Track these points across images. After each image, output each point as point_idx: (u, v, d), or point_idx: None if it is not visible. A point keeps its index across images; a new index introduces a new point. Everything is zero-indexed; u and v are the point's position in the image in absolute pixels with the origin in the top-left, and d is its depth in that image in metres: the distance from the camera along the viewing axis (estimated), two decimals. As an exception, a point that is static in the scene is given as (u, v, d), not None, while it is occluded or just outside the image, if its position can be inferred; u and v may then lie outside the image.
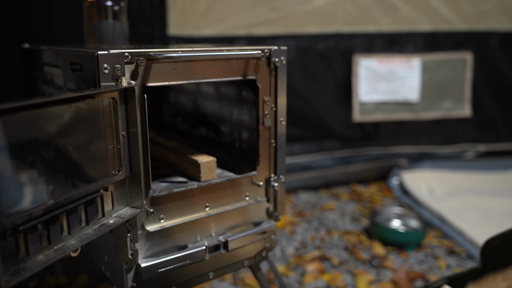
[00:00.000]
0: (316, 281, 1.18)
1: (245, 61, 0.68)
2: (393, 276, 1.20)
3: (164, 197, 0.64)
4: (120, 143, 0.56)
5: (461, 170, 1.87)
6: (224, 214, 0.71)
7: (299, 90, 1.77)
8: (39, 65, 0.80)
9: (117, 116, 0.55)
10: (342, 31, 1.75)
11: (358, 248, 1.36)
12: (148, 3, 1.50)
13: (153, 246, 0.64)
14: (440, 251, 1.34)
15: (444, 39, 1.86)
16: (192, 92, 0.95)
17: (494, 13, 1.86)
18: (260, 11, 1.64)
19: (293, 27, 1.70)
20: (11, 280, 0.41)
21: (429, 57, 1.85)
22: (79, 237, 0.51)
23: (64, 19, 1.35)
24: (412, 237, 1.37)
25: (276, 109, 0.72)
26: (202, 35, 1.59)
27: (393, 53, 1.83)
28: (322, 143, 1.84)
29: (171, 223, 0.66)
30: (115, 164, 0.56)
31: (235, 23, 1.62)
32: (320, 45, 1.75)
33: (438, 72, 1.88)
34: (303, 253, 1.32)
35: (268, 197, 0.75)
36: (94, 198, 0.53)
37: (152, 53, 0.58)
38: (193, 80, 0.64)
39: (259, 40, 1.65)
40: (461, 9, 1.83)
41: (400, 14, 1.79)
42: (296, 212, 1.61)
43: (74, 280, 1.15)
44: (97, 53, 0.53)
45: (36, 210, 0.44)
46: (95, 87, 0.54)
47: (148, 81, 0.59)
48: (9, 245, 0.42)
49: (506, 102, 1.97)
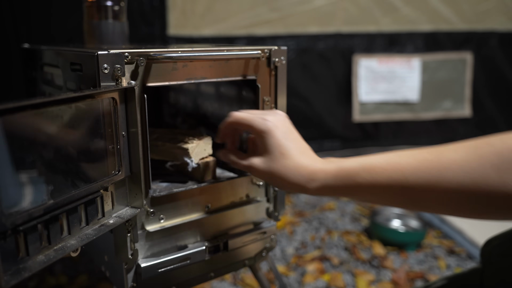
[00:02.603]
0: (316, 281, 1.18)
1: (245, 61, 0.68)
2: (393, 276, 1.20)
3: (164, 197, 0.64)
4: (120, 143, 0.56)
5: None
6: (224, 214, 0.71)
7: (299, 90, 1.77)
8: (39, 65, 0.80)
9: (117, 116, 0.55)
10: (342, 31, 1.75)
11: (358, 248, 1.36)
12: (148, 3, 1.50)
13: (153, 246, 0.64)
14: (440, 251, 1.34)
15: (444, 39, 1.86)
16: (192, 92, 0.95)
17: (494, 13, 1.86)
18: (260, 11, 1.64)
19: (293, 27, 1.70)
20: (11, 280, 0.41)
21: (429, 57, 1.85)
22: (79, 237, 0.51)
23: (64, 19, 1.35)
24: (412, 237, 1.37)
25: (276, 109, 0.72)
26: (202, 35, 1.59)
27: (393, 53, 1.83)
28: (322, 143, 1.84)
29: (171, 223, 0.66)
30: (115, 164, 0.56)
31: (235, 23, 1.62)
32: (320, 45, 1.75)
33: (438, 72, 1.88)
34: (303, 253, 1.32)
35: (268, 197, 0.75)
36: (94, 198, 0.53)
37: (152, 53, 0.58)
38: (193, 80, 0.64)
39: (259, 40, 1.65)
40: (461, 9, 1.83)
41: (400, 14, 1.78)
42: (296, 212, 1.61)
43: (74, 280, 1.15)
44: (97, 53, 0.53)
45: (36, 210, 0.44)
46: (95, 87, 0.54)
47: (148, 81, 0.59)
48: (9, 245, 0.42)
49: (506, 102, 1.97)
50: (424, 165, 0.47)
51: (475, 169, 0.43)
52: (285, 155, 0.56)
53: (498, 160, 0.42)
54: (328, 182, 0.53)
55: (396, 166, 0.48)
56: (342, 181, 0.52)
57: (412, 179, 0.47)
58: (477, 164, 0.43)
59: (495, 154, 0.42)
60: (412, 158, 0.48)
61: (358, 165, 0.52)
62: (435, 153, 0.47)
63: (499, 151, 0.42)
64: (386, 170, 0.49)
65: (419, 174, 0.46)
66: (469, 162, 0.43)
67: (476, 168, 0.43)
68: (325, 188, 0.54)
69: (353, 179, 0.51)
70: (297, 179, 0.55)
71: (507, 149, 0.42)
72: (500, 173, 0.41)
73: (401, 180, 0.48)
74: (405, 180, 0.47)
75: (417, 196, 0.47)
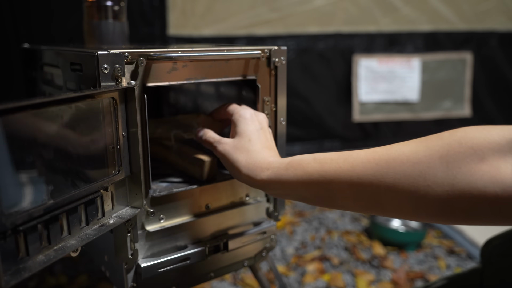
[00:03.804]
0: (316, 281, 1.18)
1: (245, 61, 0.67)
2: (393, 276, 1.20)
3: (164, 197, 0.64)
4: (120, 143, 0.56)
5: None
6: (224, 214, 0.71)
7: (299, 90, 1.77)
8: (39, 65, 0.80)
9: (117, 116, 0.55)
10: (342, 31, 1.75)
11: (358, 248, 1.36)
12: (148, 3, 1.50)
13: (153, 246, 0.64)
14: (440, 251, 1.34)
15: (444, 39, 1.86)
16: (192, 92, 0.95)
17: (494, 13, 1.86)
18: (260, 11, 1.64)
19: (293, 27, 1.70)
20: (11, 280, 0.41)
21: (429, 57, 1.85)
22: (79, 237, 0.51)
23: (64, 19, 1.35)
24: (412, 237, 1.37)
25: (276, 109, 0.72)
26: (202, 35, 1.59)
27: (393, 53, 1.83)
28: (322, 143, 1.84)
29: (171, 223, 0.66)
30: (115, 164, 0.56)
31: (235, 23, 1.62)
32: (320, 45, 1.75)
33: (438, 72, 1.88)
34: (303, 253, 1.32)
35: (268, 197, 0.75)
36: (94, 198, 0.53)
37: (152, 53, 0.58)
38: (193, 80, 0.64)
39: (259, 40, 1.66)
40: (461, 9, 1.83)
41: (400, 14, 1.79)
42: (296, 212, 1.61)
43: (74, 280, 1.15)
44: (97, 53, 0.53)
45: (36, 210, 0.44)
46: (95, 87, 0.54)
47: (148, 81, 0.59)
48: (9, 245, 0.42)
49: (506, 102, 1.97)
50: (373, 156, 0.46)
51: (422, 160, 0.42)
52: (252, 142, 0.60)
53: (447, 152, 0.41)
54: (280, 172, 0.54)
55: (346, 157, 0.49)
56: (293, 170, 0.53)
57: (360, 170, 0.46)
58: (424, 155, 0.42)
59: (443, 146, 0.41)
60: (363, 152, 0.48)
61: (311, 157, 0.53)
62: (386, 147, 0.47)
63: (447, 143, 0.41)
64: (335, 160, 0.49)
65: (367, 165, 0.46)
66: (417, 153, 0.43)
67: (423, 159, 0.42)
68: (274, 179, 0.54)
69: (303, 168, 0.52)
70: (252, 165, 0.58)
71: (456, 142, 0.41)
72: (448, 165, 0.40)
73: (348, 171, 0.47)
74: (352, 171, 0.47)
75: (365, 190, 0.46)
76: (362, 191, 0.46)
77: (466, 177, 0.39)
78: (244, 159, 0.59)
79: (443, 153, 0.41)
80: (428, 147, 0.42)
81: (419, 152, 0.43)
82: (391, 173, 0.44)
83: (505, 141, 0.38)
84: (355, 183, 0.47)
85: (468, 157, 0.39)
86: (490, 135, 0.39)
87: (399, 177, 0.43)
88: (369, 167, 0.46)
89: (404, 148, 0.45)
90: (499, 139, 0.39)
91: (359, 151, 0.49)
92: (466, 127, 0.42)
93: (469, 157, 0.39)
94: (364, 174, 0.46)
